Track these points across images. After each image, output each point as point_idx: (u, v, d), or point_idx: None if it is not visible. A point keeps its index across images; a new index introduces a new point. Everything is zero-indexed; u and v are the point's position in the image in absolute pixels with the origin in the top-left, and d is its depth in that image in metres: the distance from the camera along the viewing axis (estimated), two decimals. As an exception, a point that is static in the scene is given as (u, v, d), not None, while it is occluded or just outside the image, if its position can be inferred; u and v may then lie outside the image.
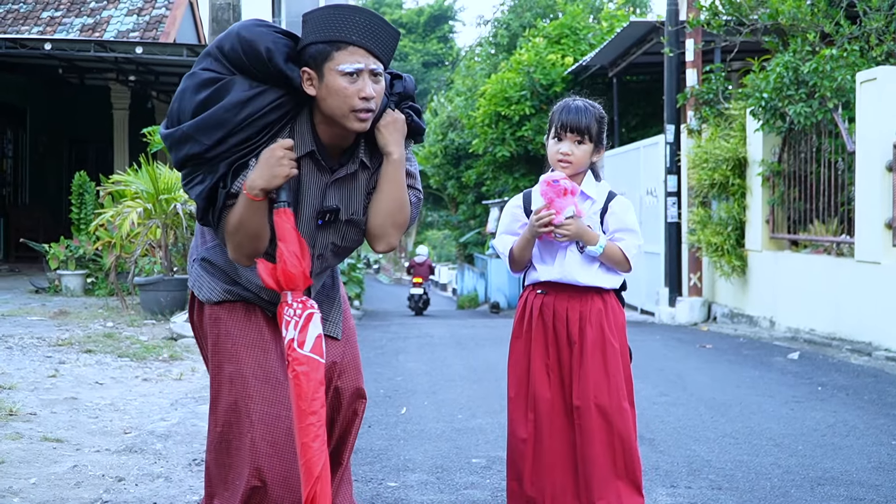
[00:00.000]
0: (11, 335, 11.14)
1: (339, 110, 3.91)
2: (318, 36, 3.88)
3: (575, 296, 4.68)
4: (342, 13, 3.87)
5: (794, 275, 14.28)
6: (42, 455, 6.14)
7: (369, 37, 3.90)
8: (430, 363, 11.39)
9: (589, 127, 4.63)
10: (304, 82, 3.93)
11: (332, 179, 4.08)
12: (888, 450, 6.75)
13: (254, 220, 3.91)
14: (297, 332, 3.89)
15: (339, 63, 3.87)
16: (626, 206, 4.76)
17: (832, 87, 13.10)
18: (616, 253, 4.64)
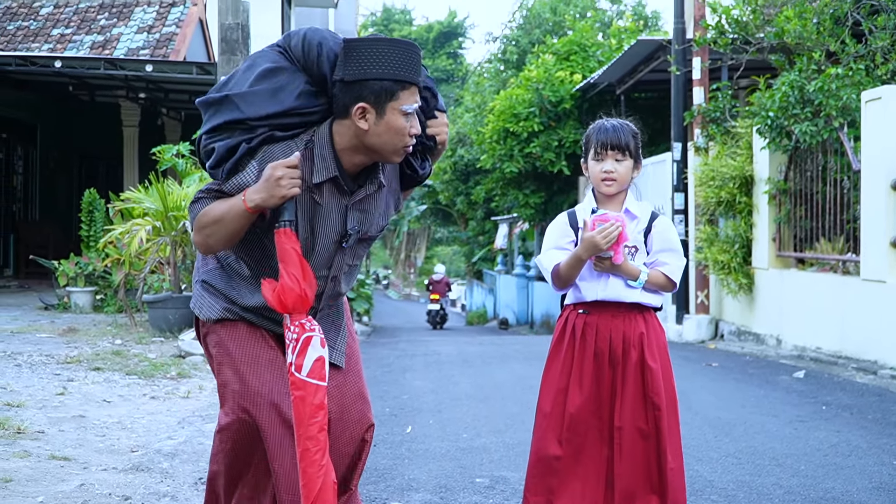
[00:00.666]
0: (20, 353, 11.19)
1: (392, 146, 3.97)
2: (381, 72, 3.88)
3: (618, 315, 4.73)
4: (400, 51, 3.91)
5: (800, 293, 14.31)
6: (49, 473, 6.19)
7: (419, 75, 3.97)
8: (436, 381, 11.43)
9: (628, 143, 4.69)
10: (356, 117, 3.93)
11: (351, 202, 4.10)
12: (889, 470, 6.79)
13: (235, 224, 3.93)
14: (295, 356, 3.88)
15: (403, 103, 3.91)
16: (669, 226, 4.84)
17: (837, 106, 13.15)
18: (659, 279, 4.71)
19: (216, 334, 4.26)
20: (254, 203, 3.84)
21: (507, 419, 8.78)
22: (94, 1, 23.64)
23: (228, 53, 12.14)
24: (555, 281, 4.81)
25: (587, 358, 4.70)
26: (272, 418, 4.09)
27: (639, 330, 4.71)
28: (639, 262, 4.74)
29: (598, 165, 4.70)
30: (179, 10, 23.11)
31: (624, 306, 4.73)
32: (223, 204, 3.95)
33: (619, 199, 4.76)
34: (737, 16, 15.76)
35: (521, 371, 12.25)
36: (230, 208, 3.91)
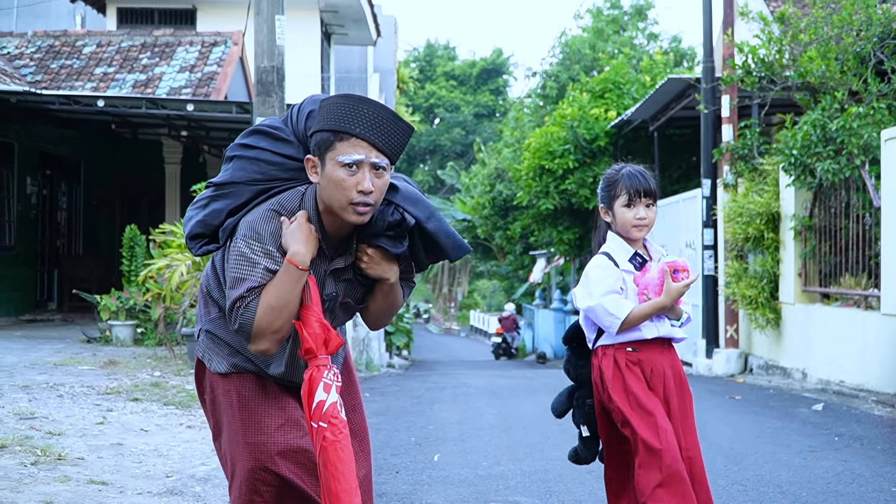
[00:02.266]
0: (63, 384, 11.56)
1: (338, 202, 3.95)
2: (324, 124, 3.95)
3: (664, 351, 4.98)
4: (350, 104, 3.95)
5: (824, 327, 14.55)
6: (88, 497, 6.56)
7: (375, 130, 3.94)
8: (462, 412, 11.75)
9: (655, 189, 4.95)
10: (309, 169, 4.02)
11: (329, 268, 4.13)
12: (887, 496, 7.07)
13: (297, 294, 3.93)
14: (339, 396, 3.95)
15: (340, 154, 3.91)
16: None
17: (859, 145, 13.41)
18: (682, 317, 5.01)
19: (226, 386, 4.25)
20: (304, 260, 3.92)
21: (527, 448, 9.10)
22: (136, 40, 24.03)
23: (264, 95, 12.51)
24: (622, 327, 4.89)
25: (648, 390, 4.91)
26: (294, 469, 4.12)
27: (677, 364, 5.01)
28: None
29: (631, 212, 4.89)
30: (221, 50, 23.48)
31: (668, 342, 5.01)
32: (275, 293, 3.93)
33: (641, 241, 5.02)
34: (763, 55, 16.02)
35: (546, 403, 12.43)
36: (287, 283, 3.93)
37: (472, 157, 65.57)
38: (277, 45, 12.49)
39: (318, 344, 3.95)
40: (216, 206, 4.17)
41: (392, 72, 39.66)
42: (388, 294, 4.23)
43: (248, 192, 4.16)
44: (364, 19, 29.62)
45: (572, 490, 7.31)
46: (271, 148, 4.19)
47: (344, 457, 3.88)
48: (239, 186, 4.17)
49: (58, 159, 24.83)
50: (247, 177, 4.17)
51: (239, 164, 4.21)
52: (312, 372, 3.95)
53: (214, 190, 4.20)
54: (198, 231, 4.19)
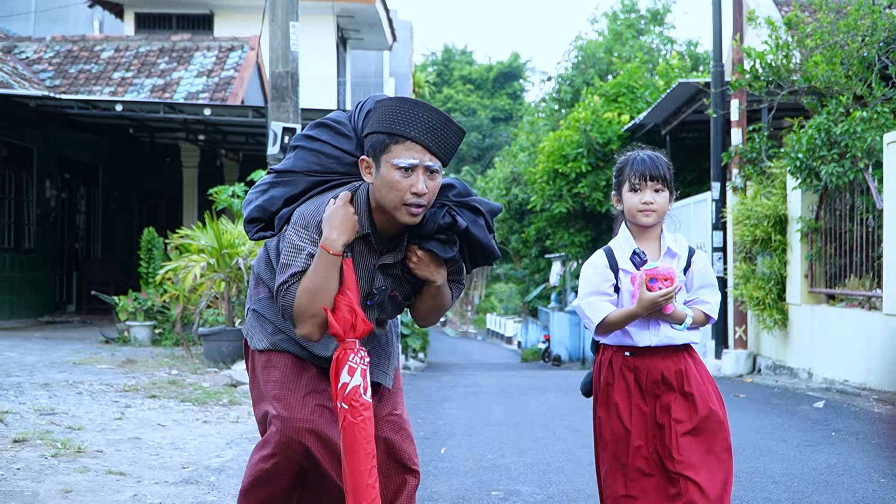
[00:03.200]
0: (82, 381, 11.85)
1: (391, 202, 4.07)
2: (379, 126, 4.07)
3: (667, 356, 4.74)
4: (406, 108, 4.06)
5: (830, 328, 14.76)
6: (106, 486, 6.83)
7: (429, 134, 4.06)
8: (472, 410, 12.01)
9: (665, 173, 4.73)
10: (363, 169, 4.16)
11: (378, 263, 4.26)
12: (875, 486, 7.31)
13: (333, 277, 4.07)
14: (363, 380, 4.10)
15: (395, 157, 4.04)
16: (707, 261, 4.89)
17: (863, 148, 13.62)
18: (700, 318, 4.75)
19: (264, 359, 4.46)
20: (337, 245, 4.07)
21: (531, 442, 9.35)
22: (154, 45, 24.31)
23: (279, 100, 12.79)
24: (598, 331, 4.80)
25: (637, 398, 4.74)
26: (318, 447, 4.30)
27: (689, 368, 4.75)
28: (680, 300, 4.74)
29: (637, 196, 4.70)
30: (237, 55, 23.74)
31: (672, 348, 4.75)
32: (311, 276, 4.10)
33: (656, 233, 4.80)
34: (770, 60, 16.23)
35: (555, 401, 12.77)
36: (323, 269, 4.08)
37: (489, 161, 65.75)
38: (292, 50, 12.77)
39: (346, 328, 4.10)
40: (275, 192, 4.35)
41: (408, 76, 39.93)
42: (436, 296, 4.35)
43: (305, 182, 4.34)
44: (380, 24, 29.88)
45: (572, 480, 7.56)
46: (332, 142, 4.37)
47: (361, 438, 4.04)
48: (298, 176, 4.35)
49: (76, 163, 25.19)
50: (306, 167, 4.35)
51: (301, 155, 4.38)
52: (339, 354, 4.13)
53: (275, 177, 4.39)
54: (255, 215, 4.38)
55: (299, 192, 4.33)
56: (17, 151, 21.99)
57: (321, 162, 4.35)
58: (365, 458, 4.06)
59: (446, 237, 4.20)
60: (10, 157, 21.54)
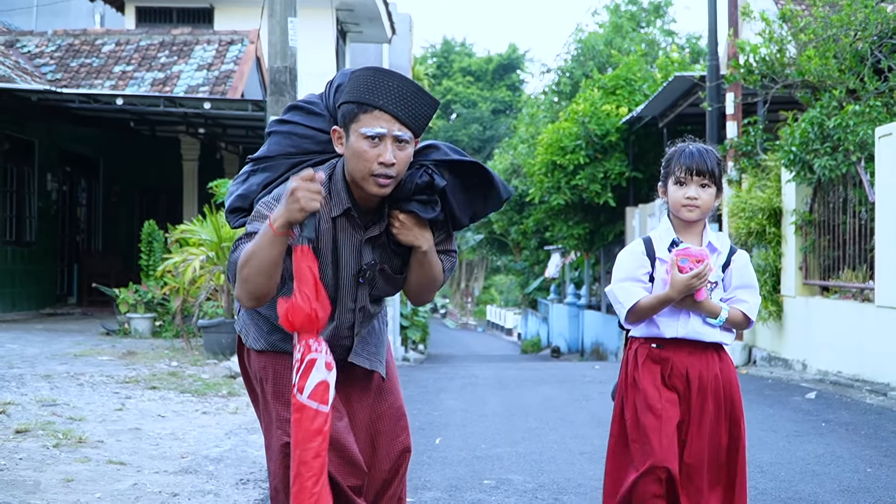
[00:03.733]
0: (83, 373, 12.00)
1: (359, 172, 3.99)
2: (349, 96, 4.00)
3: (695, 352, 4.61)
4: (375, 77, 3.98)
5: (823, 319, 14.90)
6: (107, 475, 6.99)
7: (398, 103, 3.97)
8: (468, 401, 12.16)
9: (713, 168, 4.60)
10: (335, 140, 4.09)
11: (365, 237, 4.16)
12: (860, 476, 7.46)
13: (267, 253, 3.84)
14: (298, 377, 3.83)
15: (363, 125, 3.95)
16: (747, 261, 4.74)
17: (855, 142, 13.77)
18: (737, 317, 4.61)
19: (261, 363, 4.36)
20: (278, 221, 3.78)
21: (525, 433, 9.50)
22: (154, 39, 24.40)
23: (277, 94, 12.91)
24: (629, 318, 4.67)
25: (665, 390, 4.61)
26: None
27: (714, 370, 4.62)
28: (716, 298, 4.62)
29: (681, 191, 4.59)
30: (237, 49, 23.84)
31: (701, 344, 4.62)
32: (253, 241, 3.90)
33: (698, 229, 4.67)
34: (764, 54, 16.37)
35: (550, 392, 12.91)
36: (259, 238, 3.85)
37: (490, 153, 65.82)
38: (290, 46, 12.89)
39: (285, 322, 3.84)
40: (254, 180, 4.34)
41: (407, 69, 39.97)
42: (424, 263, 4.22)
43: (283, 166, 4.30)
44: (379, 17, 29.96)
45: (563, 469, 7.71)
46: (304, 122, 4.33)
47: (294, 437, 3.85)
48: (275, 160, 4.32)
49: (77, 156, 25.36)
50: (281, 150, 4.32)
51: (275, 139, 4.36)
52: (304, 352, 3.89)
53: (253, 165, 4.38)
54: (237, 205, 4.38)
55: (277, 176, 4.31)
56: (19, 145, 22.17)
57: (295, 143, 4.33)
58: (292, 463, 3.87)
59: (427, 197, 4.11)
60: (12, 150, 21.70)
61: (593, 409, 11.19)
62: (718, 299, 4.62)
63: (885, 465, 7.88)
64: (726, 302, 4.63)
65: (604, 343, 30.59)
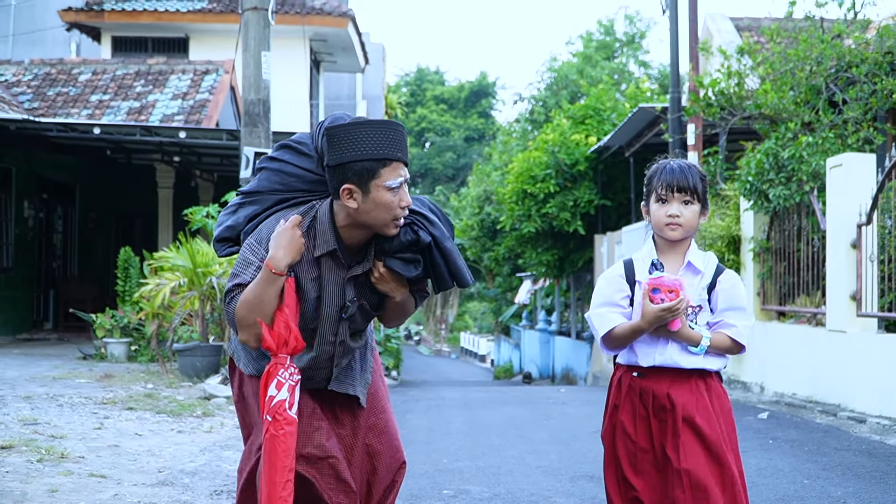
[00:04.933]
0: (62, 395, 12.40)
1: (382, 220, 4.21)
2: (360, 154, 4.15)
3: (676, 380, 4.43)
4: (376, 131, 4.19)
5: (780, 343, 15.41)
6: (88, 487, 7.41)
7: (404, 150, 4.23)
8: (433, 420, 12.64)
9: (696, 185, 4.46)
10: (345, 197, 4.20)
11: (348, 276, 4.36)
12: (797, 486, 7.95)
13: (272, 295, 4.17)
14: (290, 395, 4.19)
15: (386, 179, 4.16)
16: (736, 282, 4.53)
17: (808, 172, 14.31)
18: (723, 342, 4.41)
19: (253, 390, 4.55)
20: (284, 264, 4.18)
21: (486, 448, 9.97)
22: (130, 68, 24.80)
23: (251, 126, 13.38)
24: (606, 344, 4.54)
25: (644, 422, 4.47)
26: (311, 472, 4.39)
27: (699, 395, 4.42)
28: (702, 322, 4.45)
29: (663, 209, 4.44)
30: (212, 78, 24.25)
31: (683, 372, 4.42)
32: (253, 290, 4.21)
33: (683, 248, 4.50)
34: (722, 88, 16.90)
35: (513, 412, 13.38)
36: (260, 283, 4.19)
37: (463, 180, 66.23)
38: (264, 79, 13.37)
39: (280, 343, 4.20)
40: (242, 212, 4.55)
41: (380, 98, 40.51)
42: (396, 306, 4.50)
43: (270, 201, 4.50)
44: (352, 47, 30.43)
45: (519, 482, 8.18)
46: (293, 161, 4.49)
47: (280, 450, 4.16)
48: (263, 195, 4.52)
49: (54, 183, 25.66)
50: (270, 186, 4.51)
51: (265, 175, 4.55)
52: (270, 367, 4.23)
53: (243, 198, 4.59)
54: (224, 235, 4.60)
55: (263, 210, 4.50)
56: (-3, 172, 22.44)
57: (283, 181, 4.50)
58: (281, 471, 4.17)
59: (410, 255, 4.32)
60: (-10, 178, 22.01)
61: (553, 428, 11.67)
62: (705, 323, 4.46)
63: (822, 478, 8.37)
64: (714, 325, 4.45)
65: (574, 368, 31.04)
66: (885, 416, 11.68)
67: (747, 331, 4.41)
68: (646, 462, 4.44)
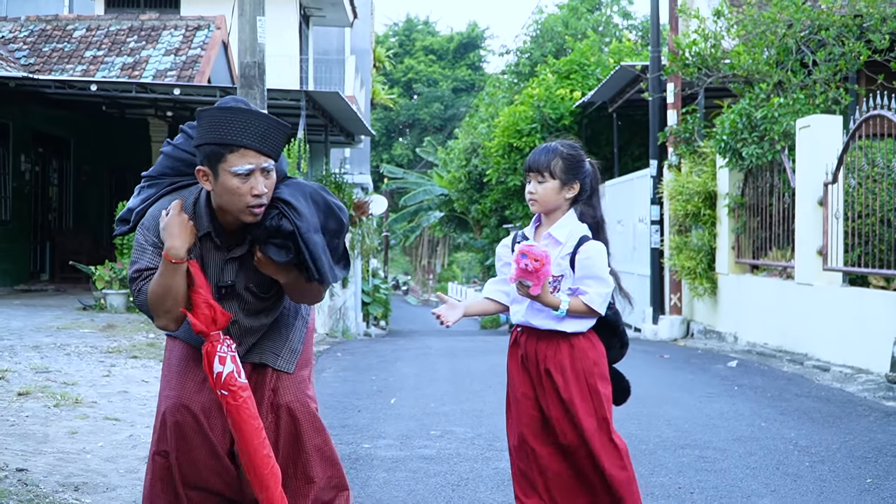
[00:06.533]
0: (68, 344, 12.97)
1: (235, 206, 4.33)
2: (211, 137, 4.28)
3: (543, 338, 4.84)
4: (234, 117, 4.29)
5: (753, 295, 16.12)
6: (105, 429, 8.06)
7: (259, 138, 4.29)
8: (420, 368, 13.39)
9: (549, 164, 4.80)
10: (200, 178, 4.37)
11: (228, 257, 4.55)
12: (753, 429, 8.65)
13: (179, 282, 4.33)
14: (235, 365, 4.42)
15: (232, 165, 4.26)
16: (594, 252, 4.81)
17: (779, 132, 14.96)
18: (579, 307, 4.74)
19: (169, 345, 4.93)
20: (182, 251, 4.32)
21: (469, 394, 10.68)
22: (123, 24, 25.12)
23: (247, 88, 13.86)
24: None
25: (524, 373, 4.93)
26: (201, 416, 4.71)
27: (561, 352, 4.82)
28: (564, 288, 4.78)
29: (526, 187, 4.89)
30: (204, 34, 24.58)
31: (546, 332, 4.84)
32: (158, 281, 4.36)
33: (555, 220, 4.85)
34: (699, 49, 17.48)
35: (495, 361, 14.01)
36: (164, 274, 4.34)
37: (451, 132, 66.55)
38: (259, 43, 13.87)
39: (207, 323, 4.40)
40: (141, 196, 4.73)
41: (368, 52, 40.87)
42: (291, 287, 4.62)
43: (163, 184, 4.68)
44: (341, 2, 30.71)
45: (499, 423, 8.80)
46: (182, 145, 4.68)
47: (245, 416, 4.39)
48: (158, 178, 4.71)
49: (49, 138, 26.00)
50: (161, 171, 4.71)
51: (161, 159, 4.74)
52: (207, 347, 4.42)
53: (145, 181, 4.76)
54: (124, 216, 4.76)
55: (157, 193, 4.65)
56: (-6, 127, 22.90)
57: (172, 165, 4.68)
58: (254, 433, 4.40)
59: (280, 242, 4.42)
60: (-12, 133, 22.47)
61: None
62: (567, 289, 4.80)
63: (779, 421, 9.06)
64: (574, 292, 4.80)
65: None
66: (848, 365, 12.38)
67: (601, 297, 4.78)
68: (527, 405, 4.91)
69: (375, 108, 54.85)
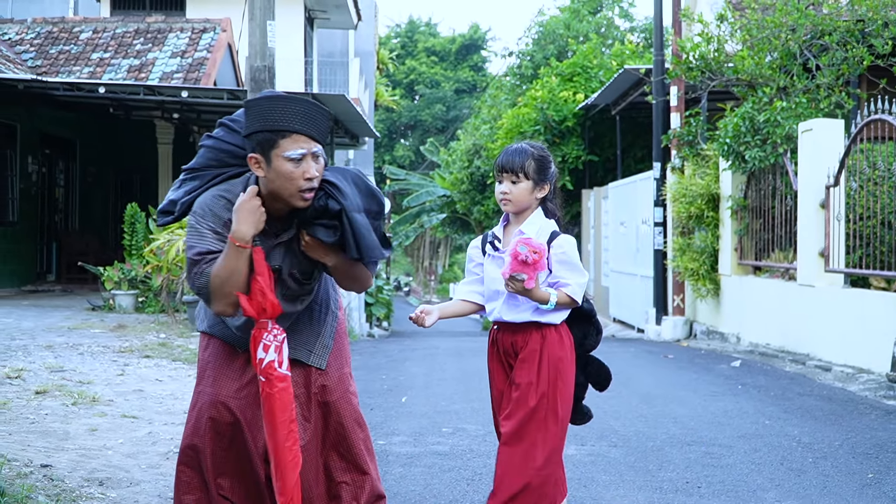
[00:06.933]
0: (81, 343, 13.15)
1: (287, 191, 4.40)
2: (262, 125, 4.38)
3: (518, 331, 4.92)
4: (283, 104, 4.40)
5: (755, 296, 16.31)
6: (123, 426, 8.25)
7: (308, 123, 4.41)
8: (429, 367, 13.59)
9: (522, 165, 4.86)
10: (253, 166, 4.46)
11: (275, 243, 4.59)
12: (757, 426, 8.86)
13: (242, 267, 4.38)
14: (277, 355, 4.47)
15: (285, 150, 4.36)
16: (568, 245, 4.92)
17: (782, 135, 15.14)
18: (564, 300, 4.84)
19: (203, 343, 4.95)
20: (248, 236, 4.39)
21: (478, 392, 10.85)
22: (130, 26, 25.24)
23: (256, 91, 14.03)
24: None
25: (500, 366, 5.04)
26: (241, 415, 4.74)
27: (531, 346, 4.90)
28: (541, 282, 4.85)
29: (499, 187, 4.91)
30: (210, 36, 24.70)
31: (522, 325, 4.91)
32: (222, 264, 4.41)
33: (524, 218, 4.93)
34: (702, 52, 17.64)
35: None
36: (228, 257, 4.40)
37: (453, 133, 66.60)
38: (269, 47, 14.06)
39: (258, 310, 4.45)
40: (184, 188, 4.76)
41: (372, 54, 41.01)
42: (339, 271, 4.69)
43: (207, 176, 4.72)
44: (345, 4, 30.85)
45: (510, 422, 9.11)
46: (225, 138, 4.74)
47: (277, 407, 4.43)
48: (201, 171, 4.74)
49: (55, 139, 26.18)
50: (205, 162, 4.75)
51: (203, 152, 4.78)
52: (255, 333, 4.49)
53: (186, 174, 4.80)
54: (166, 207, 4.80)
55: (202, 185, 4.71)
56: (2, 129, 23.09)
57: (217, 157, 4.74)
58: (282, 424, 4.43)
59: (328, 222, 4.49)
60: (-4, 134, 22.63)
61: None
62: (544, 282, 4.89)
63: (782, 419, 9.27)
64: (553, 286, 4.88)
65: (558, 318, 31.70)
66: (849, 365, 12.56)
67: (580, 288, 4.88)
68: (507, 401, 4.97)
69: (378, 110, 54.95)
